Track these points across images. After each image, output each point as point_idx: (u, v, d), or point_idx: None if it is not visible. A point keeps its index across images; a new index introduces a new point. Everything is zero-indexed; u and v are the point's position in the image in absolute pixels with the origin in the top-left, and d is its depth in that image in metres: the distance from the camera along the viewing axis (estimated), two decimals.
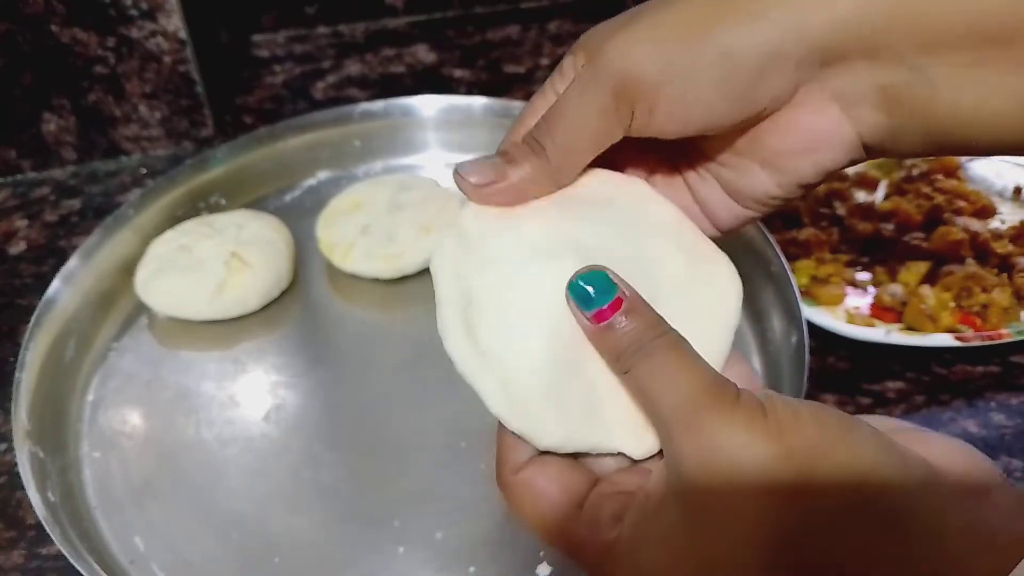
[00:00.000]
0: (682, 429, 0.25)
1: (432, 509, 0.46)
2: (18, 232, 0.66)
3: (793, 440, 0.24)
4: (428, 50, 0.86)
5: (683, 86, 0.27)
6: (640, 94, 0.28)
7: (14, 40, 0.64)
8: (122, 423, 0.52)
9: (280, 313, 0.59)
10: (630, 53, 0.27)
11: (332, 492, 0.48)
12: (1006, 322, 0.54)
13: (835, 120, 0.29)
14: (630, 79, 0.28)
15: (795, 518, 0.23)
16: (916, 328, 0.54)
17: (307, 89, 0.81)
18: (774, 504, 0.23)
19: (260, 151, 0.66)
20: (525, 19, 0.90)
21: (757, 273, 0.55)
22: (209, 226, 0.60)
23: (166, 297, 0.56)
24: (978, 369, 0.54)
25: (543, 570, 0.44)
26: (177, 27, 0.66)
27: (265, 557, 0.45)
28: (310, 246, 0.61)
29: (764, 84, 0.27)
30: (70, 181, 0.71)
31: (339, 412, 0.52)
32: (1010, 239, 0.59)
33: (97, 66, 0.67)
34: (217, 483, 0.48)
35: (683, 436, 0.25)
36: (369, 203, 0.61)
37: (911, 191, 0.63)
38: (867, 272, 0.58)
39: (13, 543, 0.47)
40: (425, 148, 0.69)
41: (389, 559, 0.45)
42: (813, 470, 0.23)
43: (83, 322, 0.55)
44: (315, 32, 0.89)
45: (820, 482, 0.23)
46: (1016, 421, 0.51)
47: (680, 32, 0.27)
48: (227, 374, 0.54)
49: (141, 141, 0.72)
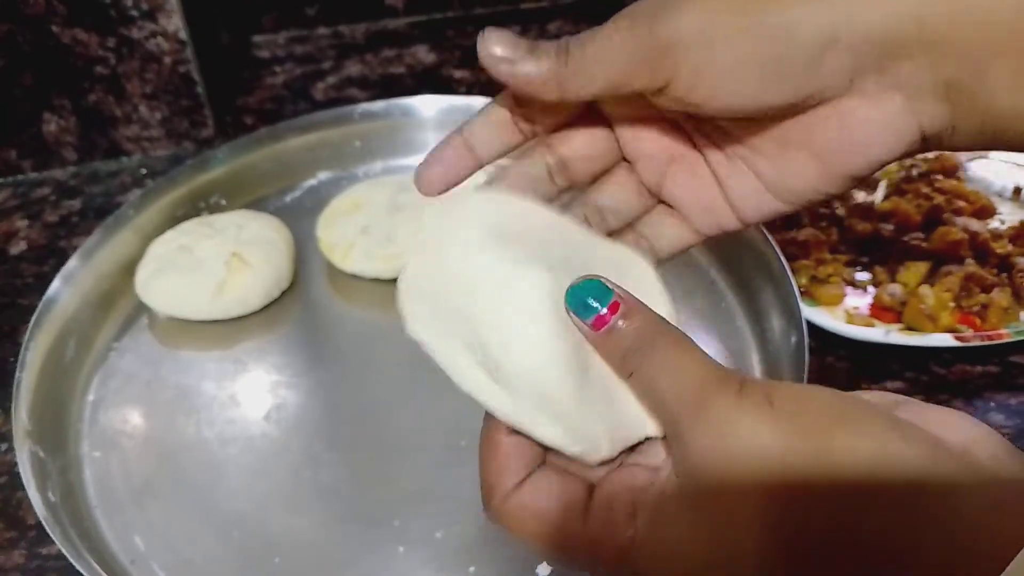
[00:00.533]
0: (689, 419, 0.25)
1: (432, 509, 0.46)
2: (19, 232, 0.66)
3: (801, 426, 0.24)
4: (428, 51, 0.86)
5: (731, 60, 0.27)
6: (685, 60, 0.27)
7: (15, 40, 0.64)
8: (123, 423, 0.52)
9: (280, 313, 0.59)
10: (681, 19, 0.27)
11: (332, 492, 0.48)
12: (1005, 322, 0.54)
13: (895, 111, 0.28)
14: (678, 42, 0.27)
15: (807, 505, 0.23)
16: (915, 328, 0.54)
17: (307, 90, 0.81)
18: (787, 493, 0.23)
19: (260, 151, 0.66)
20: (525, 20, 0.91)
21: (757, 273, 0.55)
22: (209, 226, 0.60)
23: (166, 297, 0.56)
24: (977, 369, 0.54)
25: (543, 570, 0.44)
26: (178, 27, 0.66)
27: (265, 557, 0.45)
28: (310, 246, 0.62)
29: (817, 68, 0.27)
30: (71, 181, 0.71)
31: (339, 412, 0.52)
32: (1010, 239, 0.59)
33: (98, 66, 0.67)
34: (217, 483, 0.48)
35: (690, 426, 0.25)
36: (369, 203, 0.61)
37: (910, 191, 0.63)
38: (867, 272, 0.58)
39: (13, 543, 0.47)
40: (425, 148, 0.68)
41: (389, 559, 0.45)
42: (821, 457, 0.23)
43: (83, 322, 0.56)
44: (315, 33, 0.89)
45: (830, 469, 0.23)
46: (1015, 421, 0.51)
47: (734, 6, 0.27)
48: (227, 374, 0.55)
49: (142, 141, 0.72)
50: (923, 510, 0.22)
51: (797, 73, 0.27)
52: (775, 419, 0.24)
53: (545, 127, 0.32)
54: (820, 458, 0.23)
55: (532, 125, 0.32)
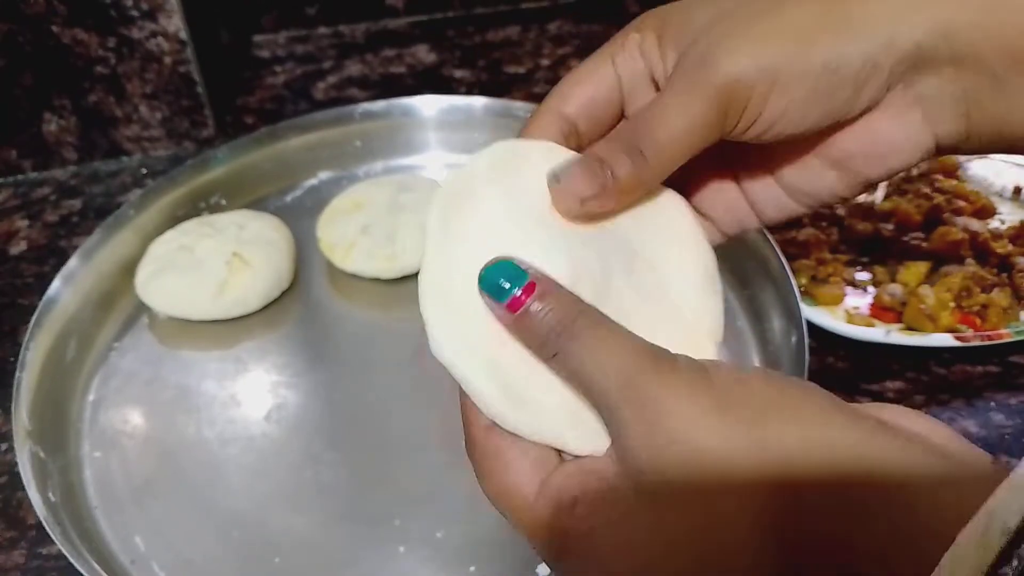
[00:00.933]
0: (623, 404, 0.24)
1: (432, 509, 0.46)
2: (19, 232, 0.66)
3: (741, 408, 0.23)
4: (429, 50, 0.86)
5: (787, 96, 0.28)
6: (746, 106, 0.28)
7: (15, 40, 0.64)
8: (123, 423, 0.52)
9: (281, 313, 0.59)
10: (739, 64, 0.27)
11: (332, 491, 0.48)
12: (1006, 322, 0.54)
13: (915, 124, 0.29)
14: (739, 90, 0.27)
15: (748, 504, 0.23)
16: (916, 328, 0.54)
17: (308, 89, 0.81)
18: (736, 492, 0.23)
19: (261, 151, 0.66)
20: (525, 20, 0.91)
21: (757, 273, 0.55)
22: (210, 226, 0.60)
23: (167, 297, 0.56)
24: (977, 369, 0.54)
25: (543, 570, 0.44)
26: (178, 27, 0.66)
27: (265, 556, 0.45)
28: (311, 246, 0.62)
29: (862, 94, 0.28)
30: (71, 181, 0.71)
31: (340, 412, 0.52)
32: (1010, 239, 0.59)
33: (98, 66, 0.67)
34: (218, 482, 0.48)
35: (625, 413, 0.24)
36: (370, 203, 0.61)
37: (911, 191, 0.63)
38: (867, 272, 0.58)
39: (14, 543, 0.47)
40: (426, 148, 0.69)
41: (389, 558, 0.45)
42: (767, 442, 0.23)
43: (84, 322, 0.56)
44: (316, 32, 0.89)
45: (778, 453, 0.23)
46: (1016, 421, 0.51)
47: (785, 41, 0.27)
48: (228, 374, 0.55)
49: (142, 141, 0.72)
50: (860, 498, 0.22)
51: (843, 100, 0.28)
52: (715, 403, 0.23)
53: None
54: (769, 446, 0.23)
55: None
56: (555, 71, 0.83)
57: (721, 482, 0.23)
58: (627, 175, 0.28)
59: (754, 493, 0.23)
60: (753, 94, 0.27)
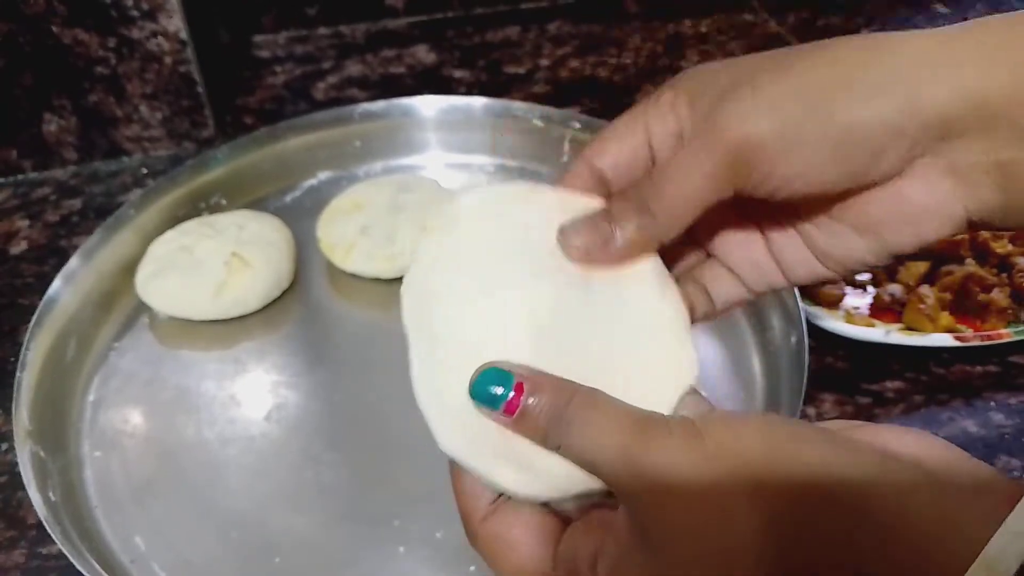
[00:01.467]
0: (626, 475, 0.25)
1: (432, 509, 0.46)
2: (19, 232, 0.66)
3: (734, 457, 0.24)
4: (428, 51, 0.86)
5: (801, 158, 0.27)
6: (756, 164, 0.27)
7: (15, 40, 0.64)
8: (123, 423, 0.52)
9: (281, 313, 0.59)
10: (748, 122, 0.27)
11: (333, 492, 0.48)
12: (1005, 322, 0.54)
13: (946, 194, 0.28)
14: (748, 149, 0.27)
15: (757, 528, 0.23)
16: (915, 328, 0.54)
17: (308, 90, 0.81)
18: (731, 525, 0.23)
19: (261, 151, 0.66)
20: (525, 20, 0.91)
21: None
22: (210, 226, 0.60)
23: (167, 297, 0.56)
24: (977, 369, 0.54)
25: None
26: (178, 28, 0.66)
27: (265, 556, 0.45)
28: (310, 246, 0.62)
29: (881, 159, 0.27)
30: (71, 181, 0.71)
31: (339, 412, 0.52)
32: (1010, 239, 0.59)
33: (98, 67, 0.67)
34: (218, 482, 0.48)
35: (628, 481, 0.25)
36: (369, 203, 0.61)
37: None
38: (867, 272, 0.58)
39: (14, 543, 0.47)
40: (425, 148, 0.69)
41: (389, 558, 0.45)
42: (760, 482, 0.23)
43: (84, 322, 0.56)
44: (316, 33, 0.89)
45: (770, 492, 0.23)
46: (1015, 421, 0.51)
47: (800, 102, 0.27)
48: (228, 374, 0.55)
49: (142, 141, 0.72)
50: (870, 518, 0.22)
51: (863, 163, 0.27)
52: (708, 456, 0.24)
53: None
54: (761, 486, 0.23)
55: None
56: (555, 71, 0.83)
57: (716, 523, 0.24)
58: (633, 231, 0.29)
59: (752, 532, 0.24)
60: (764, 152, 0.27)
